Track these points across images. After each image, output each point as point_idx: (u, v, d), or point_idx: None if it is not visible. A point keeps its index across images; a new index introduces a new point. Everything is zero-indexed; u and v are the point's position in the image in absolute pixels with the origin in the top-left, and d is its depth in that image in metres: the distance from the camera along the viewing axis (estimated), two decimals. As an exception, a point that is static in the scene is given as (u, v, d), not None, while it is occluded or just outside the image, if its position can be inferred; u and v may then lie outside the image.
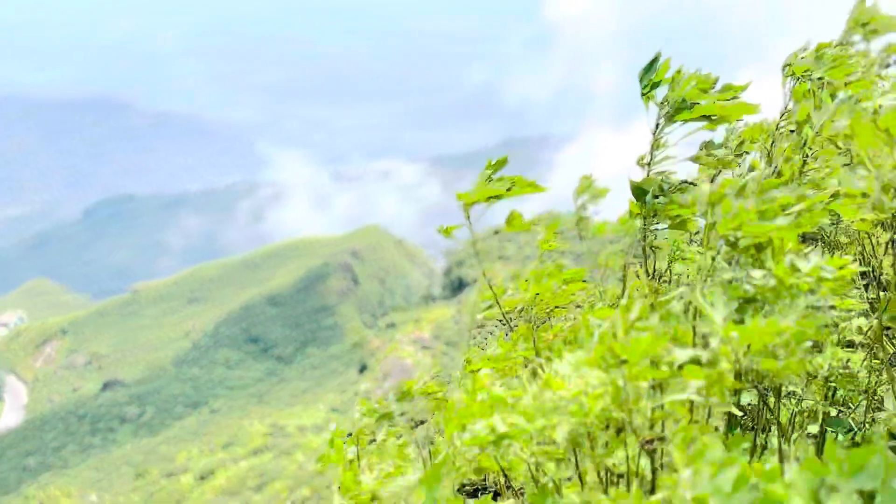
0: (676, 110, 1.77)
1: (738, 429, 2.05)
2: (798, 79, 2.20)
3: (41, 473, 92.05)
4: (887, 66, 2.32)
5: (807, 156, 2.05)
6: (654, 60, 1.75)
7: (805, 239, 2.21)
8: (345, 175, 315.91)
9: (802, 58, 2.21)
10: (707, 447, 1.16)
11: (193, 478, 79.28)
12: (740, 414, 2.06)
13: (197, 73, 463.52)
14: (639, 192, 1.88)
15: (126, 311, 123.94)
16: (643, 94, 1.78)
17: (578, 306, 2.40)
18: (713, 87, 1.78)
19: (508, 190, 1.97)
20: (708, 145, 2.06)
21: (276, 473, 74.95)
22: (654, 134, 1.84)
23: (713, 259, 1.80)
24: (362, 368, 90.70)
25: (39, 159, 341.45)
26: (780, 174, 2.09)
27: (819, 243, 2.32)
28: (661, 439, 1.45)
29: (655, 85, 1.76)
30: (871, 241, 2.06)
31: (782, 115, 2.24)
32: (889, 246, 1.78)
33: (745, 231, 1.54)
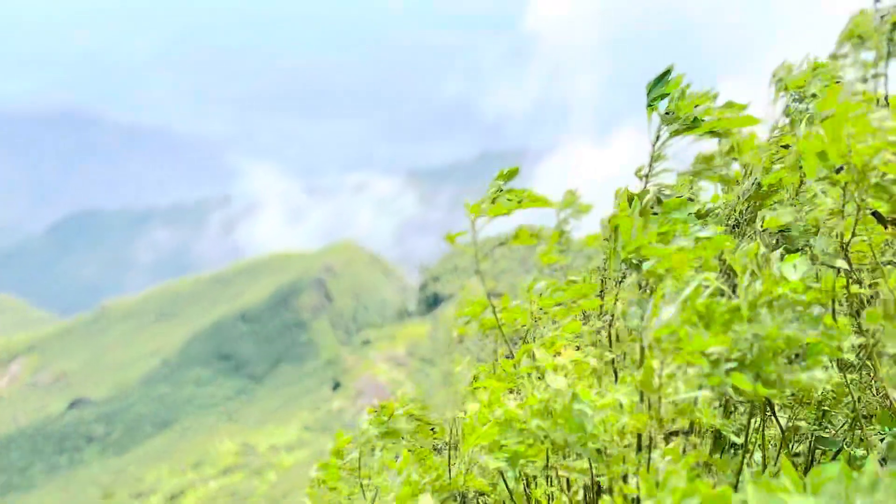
0: (686, 125, 1.78)
1: (724, 447, 2.04)
2: (794, 97, 2.20)
3: (7, 493, 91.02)
4: (865, 80, 2.30)
5: (804, 175, 1.99)
6: (667, 73, 1.77)
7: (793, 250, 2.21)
8: (319, 188, 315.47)
9: (795, 73, 2.21)
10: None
11: (163, 499, 78.62)
12: (737, 439, 2.04)
13: (168, 84, 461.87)
14: (631, 202, 1.85)
15: (93, 328, 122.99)
16: (648, 106, 1.79)
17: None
18: (714, 102, 1.80)
19: (520, 203, 2.01)
20: (707, 159, 2.08)
21: (248, 493, 74.47)
22: (654, 146, 1.85)
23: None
24: (336, 386, 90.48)
25: (5, 173, 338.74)
26: (759, 186, 2.09)
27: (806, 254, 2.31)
28: (688, 433, 1.46)
29: (663, 97, 1.78)
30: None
31: (773, 129, 2.22)
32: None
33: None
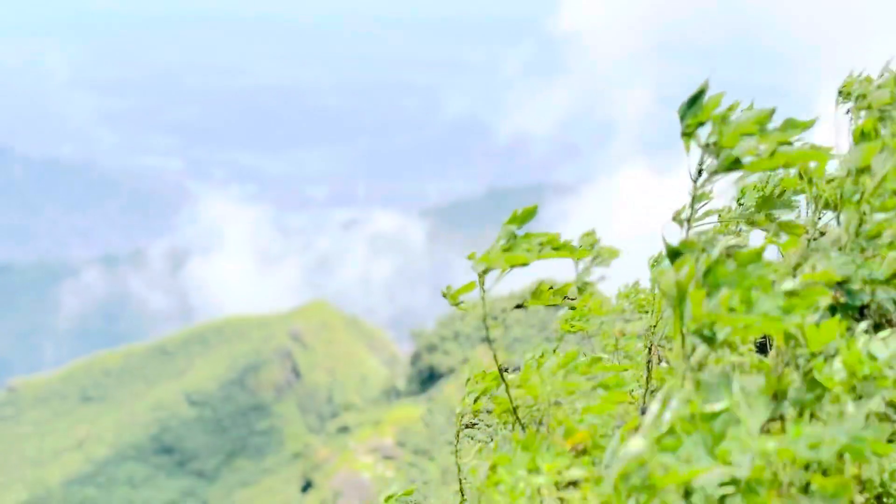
0: (727, 163, 1.82)
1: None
2: (862, 111, 2.29)
3: None
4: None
5: (865, 213, 2.03)
6: (701, 92, 1.78)
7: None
8: (287, 233, 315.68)
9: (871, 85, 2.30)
10: None
11: None
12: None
13: (92, 109, 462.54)
14: (675, 256, 1.72)
15: (1, 414, 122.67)
16: (684, 135, 1.82)
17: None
18: (768, 123, 1.79)
19: (540, 252, 2.07)
20: (766, 202, 2.16)
21: None
22: (695, 184, 1.89)
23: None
24: (306, 486, 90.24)
25: None
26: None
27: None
28: None
29: (700, 124, 1.80)
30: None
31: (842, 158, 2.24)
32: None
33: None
